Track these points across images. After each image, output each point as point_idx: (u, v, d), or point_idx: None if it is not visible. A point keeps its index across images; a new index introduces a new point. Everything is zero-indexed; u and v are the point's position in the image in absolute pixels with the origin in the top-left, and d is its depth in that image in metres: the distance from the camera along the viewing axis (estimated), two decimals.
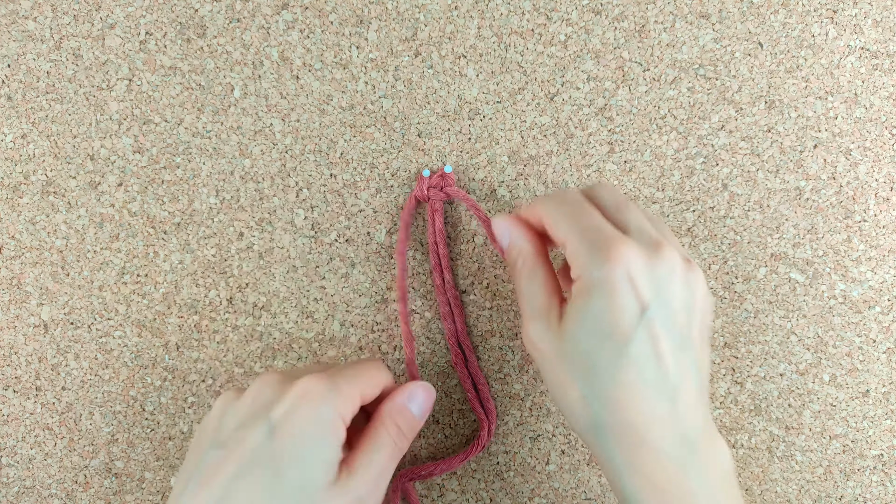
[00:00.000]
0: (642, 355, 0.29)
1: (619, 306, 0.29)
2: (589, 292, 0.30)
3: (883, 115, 0.42)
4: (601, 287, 0.30)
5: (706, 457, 0.31)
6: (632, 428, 0.30)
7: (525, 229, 0.35)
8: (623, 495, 0.31)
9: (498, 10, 0.42)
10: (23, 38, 0.42)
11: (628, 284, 0.29)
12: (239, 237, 0.43)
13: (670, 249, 0.31)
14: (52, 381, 0.44)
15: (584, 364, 0.30)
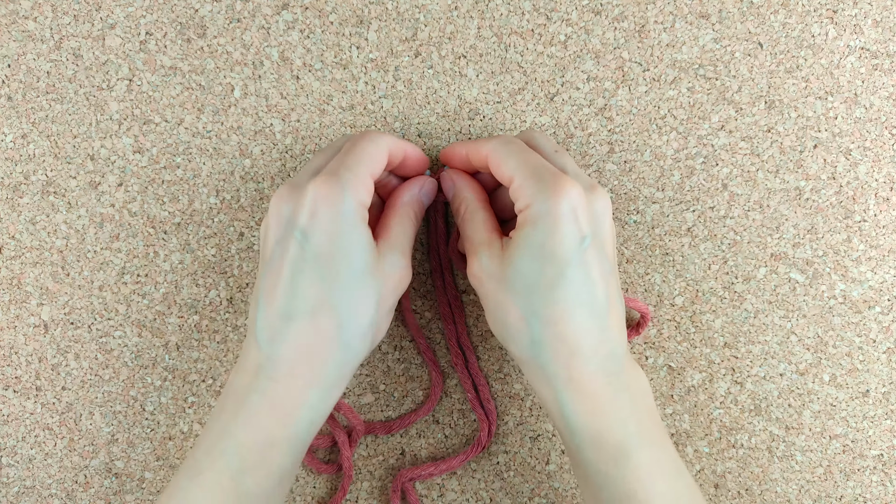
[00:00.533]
0: (578, 278, 0.33)
1: (562, 234, 0.33)
2: (534, 222, 0.33)
3: (883, 115, 0.42)
4: (546, 216, 0.33)
5: (629, 376, 0.35)
6: (566, 341, 0.33)
7: (468, 179, 0.39)
8: (558, 408, 0.34)
9: (498, 10, 0.42)
10: (23, 38, 0.42)
11: (571, 215, 0.33)
12: (239, 237, 0.43)
13: (602, 190, 0.35)
14: (52, 381, 0.44)
15: (525, 286, 0.33)
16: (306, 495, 0.45)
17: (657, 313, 0.44)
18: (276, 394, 0.33)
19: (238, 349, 0.44)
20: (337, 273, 0.33)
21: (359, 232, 0.34)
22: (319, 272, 0.33)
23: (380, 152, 0.36)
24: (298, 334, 0.33)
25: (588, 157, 0.43)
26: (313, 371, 0.33)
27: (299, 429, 0.34)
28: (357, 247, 0.33)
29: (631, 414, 0.34)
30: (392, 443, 0.45)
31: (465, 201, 0.38)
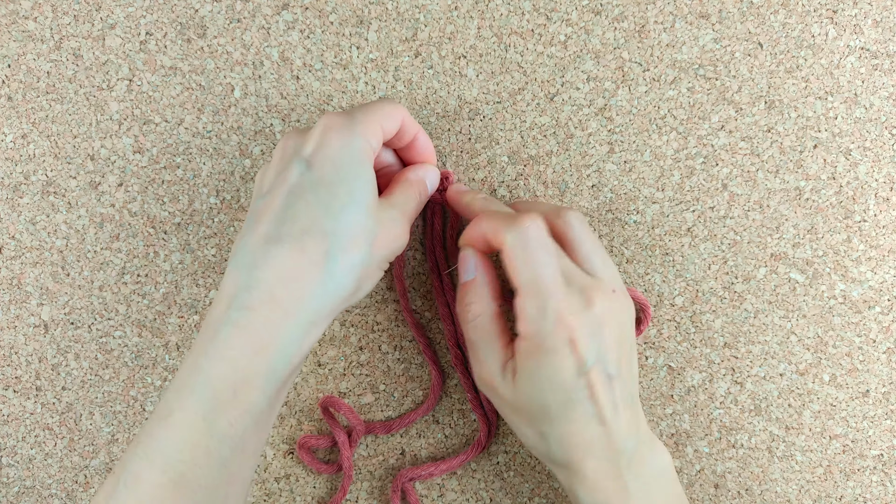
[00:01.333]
0: (583, 398, 0.34)
1: (563, 367, 0.33)
2: (537, 356, 0.33)
3: (883, 115, 0.42)
4: (546, 352, 0.33)
5: (641, 459, 0.36)
6: (579, 449, 0.35)
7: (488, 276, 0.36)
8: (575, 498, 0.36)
9: (498, 10, 0.42)
10: (23, 38, 0.42)
11: (569, 347, 0.33)
12: None
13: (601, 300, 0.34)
14: (52, 381, 0.44)
15: (540, 411, 0.34)
16: (306, 495, 0.45)
17: (657, 313, 0.44)
18: (250, 324, 0.31)
19: None
20: (335, 197, 0.32)
21: (365, 167, 0.33)
22: (317, 197, 0.32)
23: (395, 112, 0.35)
24: (282, 257, 0.31)
25: (588, 157, 0.43)
26: (292, 298, 0.31)
27: (275, 364, 0.31)
28: (361, 180, 0.32)
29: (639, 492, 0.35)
30: (392, 443, 0.45)
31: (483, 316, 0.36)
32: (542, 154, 0.43)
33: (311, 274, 0.31)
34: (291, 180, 0.32)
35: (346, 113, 0.34)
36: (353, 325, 0.44)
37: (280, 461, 0.45)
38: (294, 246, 0.31)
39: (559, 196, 0.43)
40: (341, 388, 0.44)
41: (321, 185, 0.32)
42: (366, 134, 0.33)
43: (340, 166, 0.32)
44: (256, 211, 0.33)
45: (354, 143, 0.33)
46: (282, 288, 0.31)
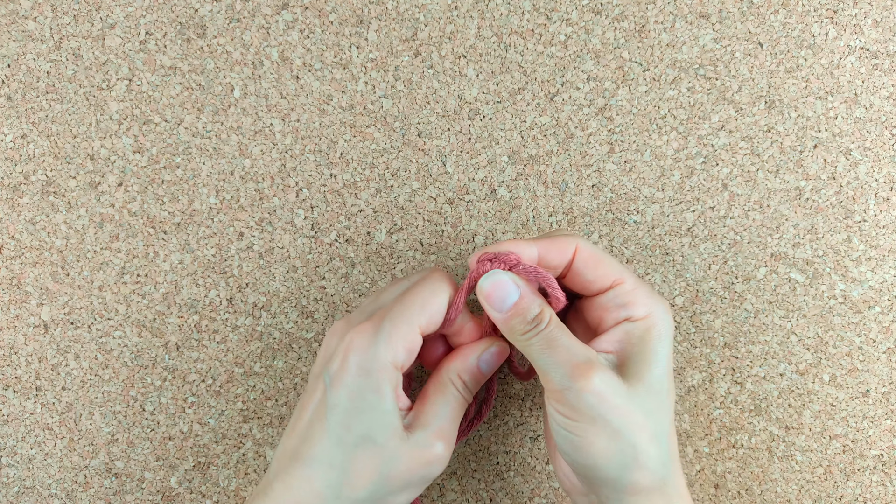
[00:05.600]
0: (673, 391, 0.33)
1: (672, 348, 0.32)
2: (661, 335, 0.32)
3: (883, 115, 0.42)
4: (670, 330, 0.32)
5: None
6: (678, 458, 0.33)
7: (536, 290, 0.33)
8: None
9: (498, 10, 0.42)
10: (23, 38, 0.42)
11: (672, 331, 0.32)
12: (239, 237, 0.43)
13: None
14: (52, 381, 0.44)
15: (659, 404, 0.31)
16: None
17: None
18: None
19: (238, 349, 0.44)
20: (347, 430, 0.31)
21: (379, 394, 0.31)
22: (330, 425, 0.31)
23: (438, 301, 0.32)
24: (293, 478, 0.32)
25: (588, 157, 0.43)
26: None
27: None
28: (371, 410, 0.31)
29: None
30: None
31: (547, 308, 0.33)
32: (542, 154, 0.43)
33: (313, 503, 0.32)
34: (317, 396, 0.32)
35: (373, 325, 0.32)
36: None
37: None
38: (304, 470, 0.32)
39: (559, 196, 0.43)
40: None
41: (336, 411, 0.31)
42: (389, 351, 0.31)
43: (354, 394, 0.31)
44: (294, 417, 0.33)
45: (372, 366, 0.31)
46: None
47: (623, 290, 0.32)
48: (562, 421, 0.32)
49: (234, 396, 0.44)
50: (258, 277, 0.43)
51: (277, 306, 0.44)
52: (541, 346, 0.32)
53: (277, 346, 0.44)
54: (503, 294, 0.32)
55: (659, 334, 0.32)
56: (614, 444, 0.31)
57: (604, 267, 0.32)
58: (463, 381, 0.34)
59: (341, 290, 0.44)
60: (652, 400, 0.31)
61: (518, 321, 0.32)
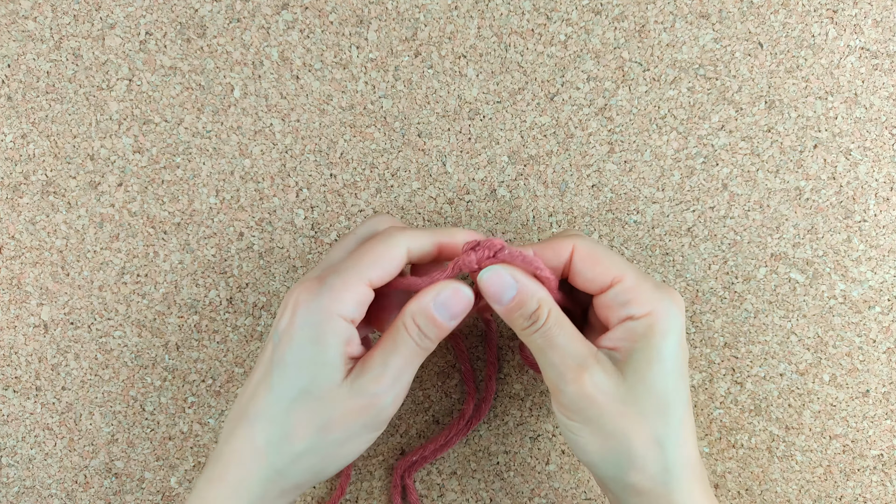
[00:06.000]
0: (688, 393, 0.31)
1: (684, 347, 0.31)
2: (665, 332, 0.30)
3: (883, 115, 0.42)
4: (676, 326, 0.30)
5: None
6: (693, 462, 0.31)
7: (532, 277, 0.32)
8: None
9: (498, 10, 0.42)
10: (23, 38, 0.42)
11: (684, 327, 0.31)
12: (239, 237, 0.43)
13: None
14: (52, 381, 0.44)
15: (658, 406, 0.30)
16: (306, 495, 0.45)
17: None
18: (207, 495, 0.32)
19: (238, 349, 0.44)
20: (284, 386, 0.31)
21: (321, 346, 0.31)
22: (273, 381, 0.32)
23: (391, 255, 0.32)
24: (237, 439, 0.32)
25: (588, 157, 0.43)
26: (239, 481, 0.32)
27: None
28: (311, 363, 0.31)
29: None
30: (392, 443, 0.45)
31: (547, 303, 0.32)
32: (542, 154, 0.43)
33: (254, 461, 0.32)
34: (265, 354, 0.33)
35: (318, 280, 0.32)
36: None
37: None
38: (247, 430, 0.32)
39: (559, 196, 0.43)
40: None
41: (278, 368, 0.31)
42: (334, 307, 0.31)
43: (298, 348, 0.31)
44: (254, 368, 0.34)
45: (314, 321, 0.31)
46: (231, 469, 0.32)
47: (623, 287, 0.31)
48: (561, 418, 0.33)
49: (234, 396, 0.44)
50: (258, 277, 0.43)
51: (277, 306, 0.44)
52: (540, 343, 0.32)
53: None
54: (501, 287, 0.31)
55: (661, 331, 0.30)
56: (607, 445, 0.31)
57: (602, 265, 0.32)
58: (417, 325, 0.32)
59: None
60: (653, 401, 0.30)
61: (518, 315, 0.32)
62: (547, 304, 0.32)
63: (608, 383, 0.30)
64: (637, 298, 0.31)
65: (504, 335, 0.44)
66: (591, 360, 0.31)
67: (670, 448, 0.31)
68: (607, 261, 0.32)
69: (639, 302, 0.31)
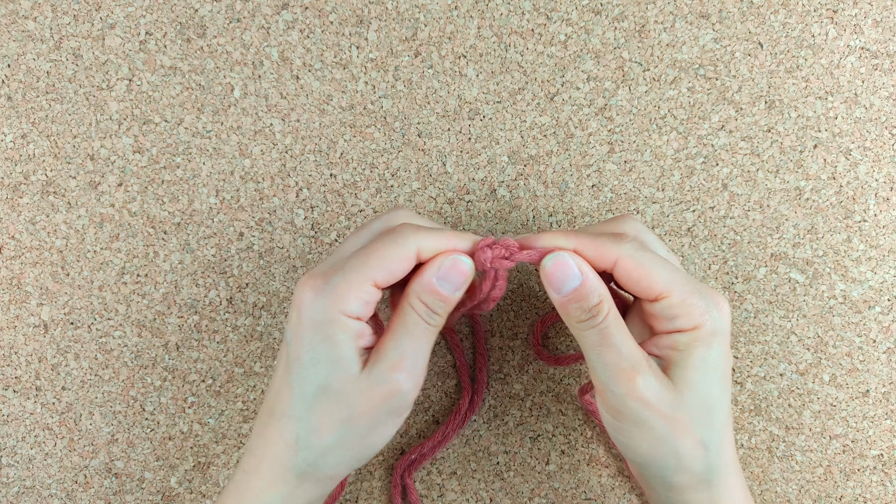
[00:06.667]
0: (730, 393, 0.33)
1: (729, 355, 0.32)
2: (710, 341, 0.31)
3: (883, 115, 0.42)
4: (721, 335, 0.31)
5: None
6: (733, 462, 0.33)
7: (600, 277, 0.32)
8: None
9: (498, 10, 0.42)
10: (23, 38, 0.42)
11: (728, 337, 0.32)
12: (239, 237, 0.43)
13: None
14: (52, 381, 0.44)
15: (706, 411, 0.31)
16: None
17: None
18: (242, 485, 0.34)
19: (238, 349, 0.44)
20: (303, 385, 0.32)
21: (331, 343, 0.31)
22: (293, 380, 0.32)
23: (399, 256, 0.31)
24: (269, 435, 0.33)
25: (588, 157, 0.43)
26: (273, 474, 0.33)
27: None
28: (326, 360, 0.31)
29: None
30: (392, 443, 0.45)
31: (607, 301, 0.31)
32: (542, 154, 0.43)
33: (287, 455, 0.33)
34: (283, 353, 0.33)
35: (323, 277, 0.31)
36: None
37: None
38: (276, 428, 0.33)
39: (559, 196, 0.43)
40: None
41: (297, 367, 0.32)
42: (338, 304, 0.31)
43: (311, 348, 0.31)
44: (276, 364, 0.34)
45: (320, 319, 0.31)
46: (265, 462, 0.33)
47: (669, 303, 0.31)
48: (609, 420, 0.33)
49: (234, 396, 0.44)
50: (258, 277, 0.43)
51: (277, 306, 0.44)
52: (594, 340, 0.31)
53: (277, 346, 0.44)
54: (565, 276, 0.31)
55: (708, 343, 0.31)
56: (657, 448, 0.32)
57: (647, 280, 0.31)
58: (424, 303, 0.32)
59: None
60: (699, 407, 0.31)
61: (575, 307, 0.31)
62: (608, 301, 0.31)
63: (659, 389, 0.31)
64: (684, 314, 0.31)
65: (504, 335, 0.44)
66: (644, 364, 0.31)
67: (714, 450, 0.32)
68: (654, 275, 0.31)
69: (687, 317, 0.31)
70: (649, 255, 0.31)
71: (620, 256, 0.31)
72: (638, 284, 0.31)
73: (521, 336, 0.44)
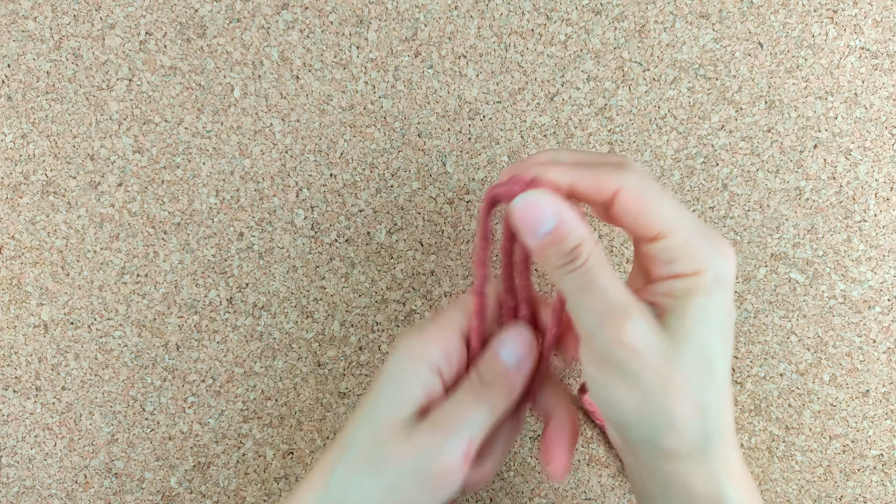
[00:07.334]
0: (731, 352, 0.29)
1: (732, 306, 0.28)
2: (711, 290, 0.27)
3: (883, 115, 0.42)
4: (726, 285, 0.27)
5: None
6: (731, 428, 0.29)
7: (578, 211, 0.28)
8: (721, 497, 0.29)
9: (498, 10, 0.42)
10: (23, 38, 0.42)
11: (732, 285, 0.28)
12: (239, 237, 0.43)
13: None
14: (52, 381, 0.44)
15: (703, 367, 0.27)
16: None
17: None
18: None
19: (238, 349, 0.44)
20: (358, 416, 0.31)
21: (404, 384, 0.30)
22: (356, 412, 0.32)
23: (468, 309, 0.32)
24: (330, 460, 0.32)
25: None
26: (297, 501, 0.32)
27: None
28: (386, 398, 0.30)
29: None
30: None
31: (588, 243, 0.28)
32: None
33: (315, 484, 0.31)
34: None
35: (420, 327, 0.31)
36: (353, 325, 0.44)
37: (280, 461, 0.45)
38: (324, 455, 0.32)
39: None
40: (341, 389, 0.44)
41: (362, 400, 0.31)
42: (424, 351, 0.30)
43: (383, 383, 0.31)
44: None
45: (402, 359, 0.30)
46: (301, 490, 0.31)
47: (671, 243, 0.28)
48: (591, 372, 0.29)
49: (234, 396, 0.44)
50: (258, 277, 0.43)
51: (277, 306, 0.44)
52: (575, 285, 0.28)
53: (277, 346, 0.44)
54: (536, 219, 0.28)
55: (709, 290, 0.27)
56: (647, 405, 0.27)
57: (650, 215, 0.28)
58: (481, 376, 0.30)
59: (341, 290, 0.44)
60: (697, 361, 0.27)
61: (553, 252, 0.28)
62: (589, 243, 0.28)
63: (651, 336, 0.27)
64: (686, 256, 0.27)
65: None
66: (634, 308, 0.27)
67: (712, 413, 0.27)
68: (657, 210, 0.28)
69: (687, 260, 0.27)
70: (655, 186, 0.28)
71: (623, 186, 0.28)
72: (637, 220, 0.28)
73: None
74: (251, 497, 0.45)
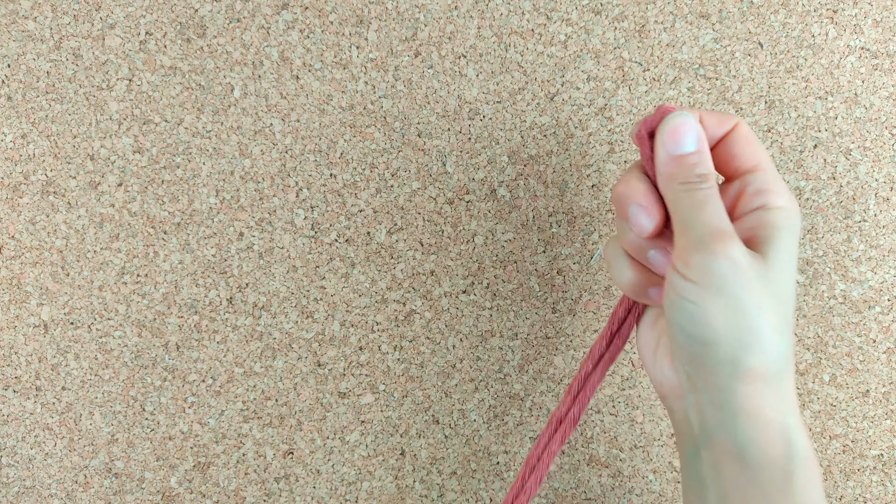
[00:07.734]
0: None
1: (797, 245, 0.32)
2: (790, 227, 0.31)
3: (883, 115, 0.42)
4: (797, 224, 0.31)
5: None
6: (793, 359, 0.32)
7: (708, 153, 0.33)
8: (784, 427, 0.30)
9: (498, 10, 0.42)
10: (23, 38, 0.42)
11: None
12: (239, 237, 0.43)
13: None
14: (52, 381, 0.44)
15: (786, 296, 0.30)
16: (306, 495, 0.45)
17: None
18: None
19: (238, 349, 0.44)
20: None
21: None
22: None
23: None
24: None
25: (588, 157, 0.43)
26: None
27: None
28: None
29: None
30: (392, 443, 0.45)
31: (714, 173, 0.32)
32: (542, 154, 0.43)
33: None
34: None
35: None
36: (353, 325, 0.44)
37: (280, 461, 0.45)
38: None
39: (559, 196, 0.43)
40: (341, 389, 0.44)
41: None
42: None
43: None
44: None
45: None
46: None
47: (763, 176, 0.32)
48: (685, 287, 0.30)
49: (234, 396, 0.44)
50: (258, 277, 0.43)
51: (277, 306, 0.44)
52: (695, 200, 0.31)
53: (277, 346, 0.44)
54: (684, 137, 0.32)
55: (792, 228, 0.31)
56: (737, 320, 0.29)
57: (754, 147, 0.33)
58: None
59: (341, 290, 0.44)
60: (782, 289, 0.30)
61: (683, 168, 0.32)
62: (714, 174, 0.32)
63: (753, 259, 0.30)
64: (775, 189, 0.32)
65: (504, 335, 0.44)
66: (732, 238, 0.30)
67: (787, 339, 0.30)
68: (759, 148, 0.33)
69: (776, 193, 0.32)
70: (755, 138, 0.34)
71: (740, 123, 0.33)
72: (745, 150, 0.33)
73: (521, 336, 0.44)
74: (251, 497, 0.45)
